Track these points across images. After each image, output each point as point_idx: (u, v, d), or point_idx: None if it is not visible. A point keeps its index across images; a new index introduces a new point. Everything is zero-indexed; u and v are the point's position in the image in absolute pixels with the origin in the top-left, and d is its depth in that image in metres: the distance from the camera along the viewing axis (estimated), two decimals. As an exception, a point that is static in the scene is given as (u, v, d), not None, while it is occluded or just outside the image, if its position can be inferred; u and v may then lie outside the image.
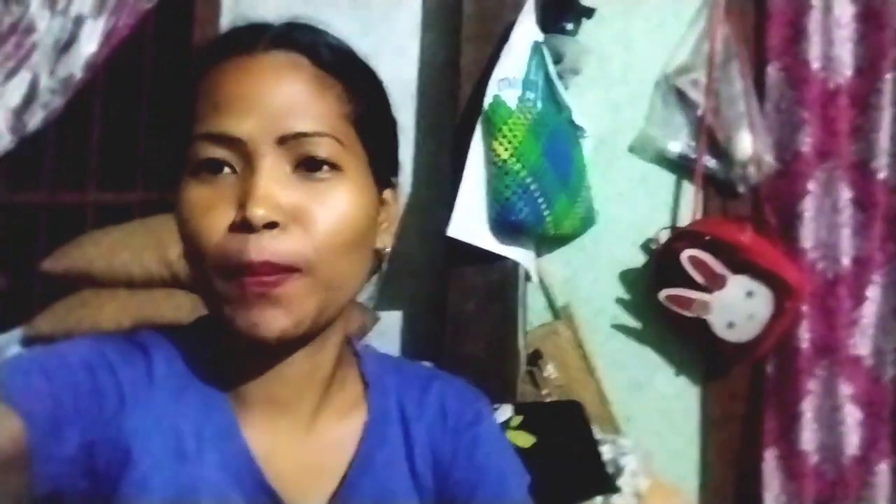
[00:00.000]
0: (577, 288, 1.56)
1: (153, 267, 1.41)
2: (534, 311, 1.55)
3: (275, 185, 0.58)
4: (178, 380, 0.64)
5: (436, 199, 1.54)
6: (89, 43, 1.73)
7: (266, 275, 0.58)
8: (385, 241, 0.69)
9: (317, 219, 0.60)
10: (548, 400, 1.46)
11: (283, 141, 0.59)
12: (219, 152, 0.59)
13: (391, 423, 0.70)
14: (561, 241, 1.56)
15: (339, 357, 0.69)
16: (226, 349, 0.65)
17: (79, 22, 1.72)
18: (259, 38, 0.63)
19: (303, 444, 0.66)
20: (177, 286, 1.41)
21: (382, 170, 0.67)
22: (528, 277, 1.51)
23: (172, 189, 0.63)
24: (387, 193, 0.69)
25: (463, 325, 1.43)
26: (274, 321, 0.59)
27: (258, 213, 0.57)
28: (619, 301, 1.54)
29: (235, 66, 0.61)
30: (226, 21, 1.78)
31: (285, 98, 0.60)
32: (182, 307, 1.40)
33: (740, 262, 1.34)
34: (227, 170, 0.60)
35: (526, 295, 1.51)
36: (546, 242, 1.55)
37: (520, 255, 1.44)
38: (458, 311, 1.43)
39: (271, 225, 0.58)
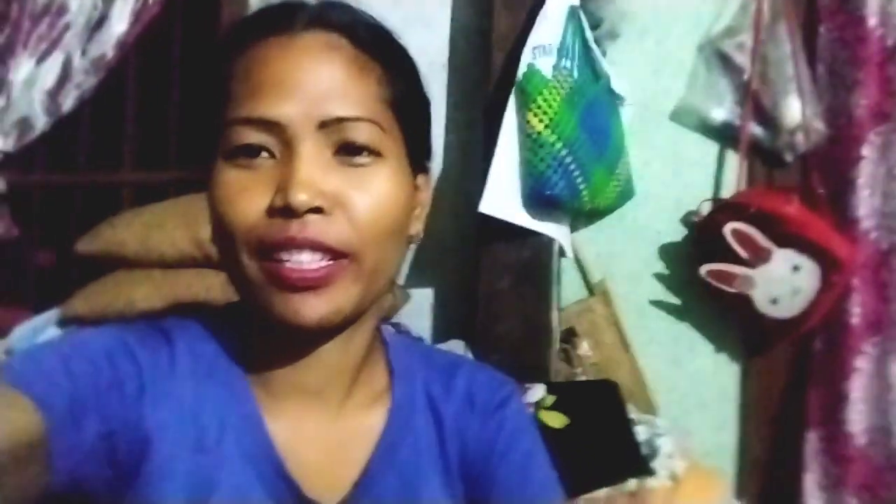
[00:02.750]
0: (613, 263, 1.51)
1: (185, 247, 1.41)
2: (568, 288, 1.51)
3: (316, 170, 0.57)
4: (201, 368, 0.63)
5: (467, 174, 1.50)
6: (120, 22, 1.73)
7: (312, 254, 0.57)
8: (417, 228, 0.68)
9: (357, 205, 0.58)
10: (582, 378, 1.43)
11: (324, 125, 0.58)
12: (257, 137, 0.58)
13: (417, 411, 0.69)
14: (597, 214, 1.51)
15: (370, 346, 0.68)
16: (254, 336, 0.64)
17: (109, 1, 1.72)
18: (296, 17, 0.61)
19: (327, 434, 0.65)
20: (209, 266, 1.41)
21: (417, 155, 0.66)
22: (562, 253, 1.47)
23: (205, 169, 0.61)
24: (420, 179, 0.67)
25: (496, 304, 1.40)
26: (315, 308, 0.58)
27: (301, 197, 0.55)
28: (657, 276, 1.49)
29: (273, 47, 0.59)
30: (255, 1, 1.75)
31: (325, 81, 0.58)
32: (213, 287, 1.39)
33: (786, 235, 1.28)
34: (264, 154, 0.58)
35: (560, 271, 1.47)
36: (581, 216, 1.50)
37: (554, 230, 1.40)
38: (490, 290, 1.40)
39: (315, 210, 0.56)
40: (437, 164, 1.39)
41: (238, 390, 0.63)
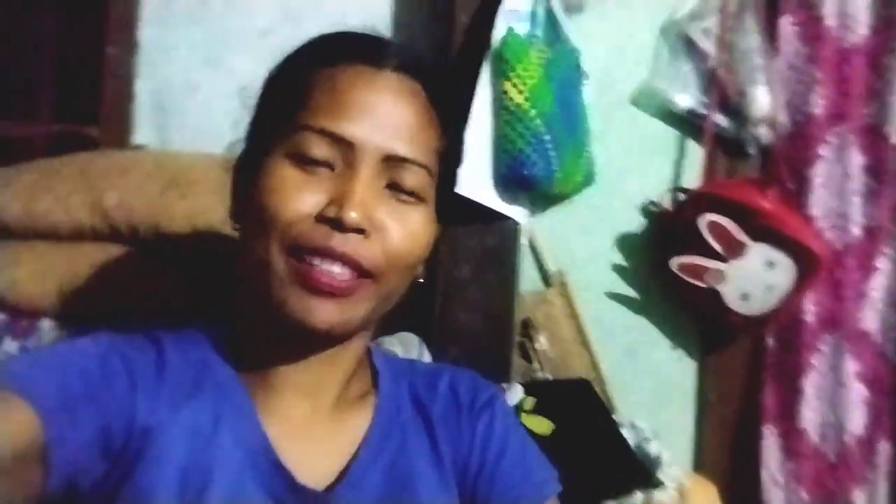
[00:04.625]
0: (571, 253, 1.41)
1: (83, 215, 1.14)
2: (523, 278, 1.40)
3: (370, 195, 0.63)
4: (191, 367, 0.66)
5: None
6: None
7: (339, 267, 0.62)
8: (420, 269, 0.72)
9: (394, 235, 0.64)
10: (540, 374, 1.33)
11: (388, 160, 0.64)
12: (326, 150, 0.63)
13: (403, 410, 0.74)
14: (553, 200, 1.41)
15: (360, 358, 0.74)
16: (248, 336, 0.69)
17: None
18: (386, 53, 0.67)
19: (317, 429, 0.69)
20: (114, 239, 1.15)
21: (443, 206, 0.71)
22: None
23: (83, 124, 0.56)
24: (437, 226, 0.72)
25: (456, 293, 1.27)
26: (330, 314, 0.62)
27: (353, 215, 0.61)
28: (615, 268, 1.42)
29: (362, 74, 0.65)
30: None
31: (400, 120, 0.64)
32: (121, 264, 1.15)
33: (761, 229, 1.24)
34: (324, 166, 0.63)
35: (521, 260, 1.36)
36: (538, 201, 1.40)
37: (521, 215, 1.28)
38: (450, 278, 1.27)
39: (358, 230, 0.62)
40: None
41: (230, 385, 0.67)
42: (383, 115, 0.63)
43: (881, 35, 1.37)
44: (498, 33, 1.19)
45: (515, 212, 1.27)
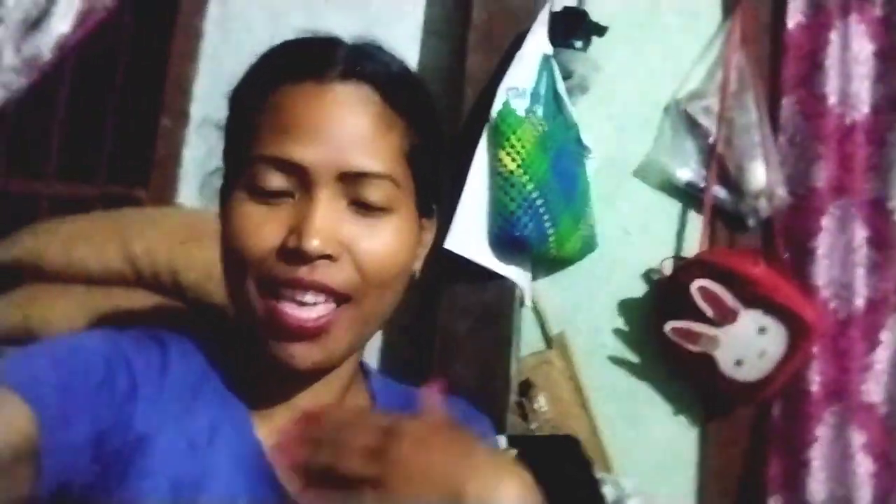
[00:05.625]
0: (573, 316, 1.46)
1: (114, 262, 1.27)
2: (526, 339, 1.44)
3: (330, 218, 0.60)
4: (192, 374, 0.65)
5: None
6: (62, 22, 1.60)
7: (315, 296, 0.60)
8: (417, 266, 0.71)
9: (366, 253, 0.62)
10: (538, 434, 1.35)
11: (344, 177, 0.61)
12: (280, 181, 0.61)
13: None
14: (557, 264, 1.47)
15: (355, 372, 0.72)
16: (245, 358, 0.67)
17: (52, -1, 1.60)
18: (331, 62, 0.63)
19: None
20: (140, 285, 1.27)
21: (426, 200, 0.70)
22: (521, 301, 1.41)
23: (137, 185, 0.64)
24: (423, 221, 0.71)
25: (453, 348, 1.32)
26: (310, 355, 0.61)
27: (313, 244, 0.59)
28: (617, 332, 1.45)
29: (306, 93, 0.62)
30: (213, 13, 1.67)
31: (352, 133, 0.61)
32: (144, 308, 1.26)
33: (753, 296, 1.26)
34: (284, 196, 0.61)
35: (520, 320, 1.41)
36: (542, 265, 1.46)
37: (517, 275, 1.34)
38: (447, 332, 1.32)
39: (324, 256, 0.60)
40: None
41: (229, 397, 0.65)
42: (334, 132, 0.61)
43: (883, 113, 1.40)
44: (496, 107, 1.29)
45: (513, 272, 1.33)
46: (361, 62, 0.64)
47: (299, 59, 0.64)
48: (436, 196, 0.72)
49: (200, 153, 1.65)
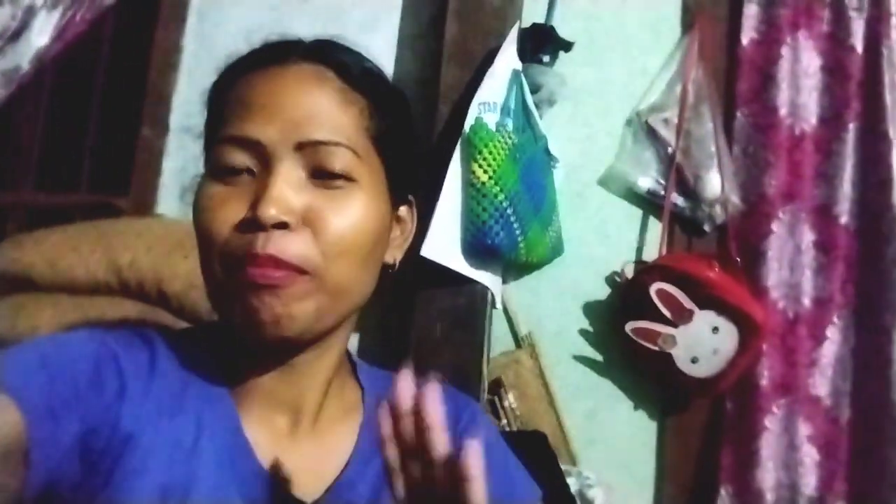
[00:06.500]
0: (541, 317, 1.54)
1: (101, 272, 1.31)
2: (496, 340, 1.52)
3: (288, 188, 0.61)
4: (180, 373, 0.65)
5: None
6: (40, 35, 1.63)
7: (271, 269, 0.59)
8: (396, 256, 0.72)
9: (328, 224, 0.62)
10: (507, 430, 1.43)
11: (301, 147, 0.62)
12: (240, 157, 0.62)
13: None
14: (526, 269, 1.55)
15: (340, 362, 0.72)
16: (232, 348, 0.67)
17: (31, 12, 1.63)
18: (291, 51, 0.66)
19: (303, 442, 0.68)
20: (126, 294, 1.32)
21: (400, 186, 0.70)
22: (493, 304, 1.48)
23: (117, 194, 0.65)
24: (402, 210, 0.72)
25: (428, 351, 1.39)
26: (272, 307, 0.60)
27: (269, 212, 0.59)
28: (582, 332, 1.53)
29: (265, 75, 0.64)
30: (191, 25, 1.72)
31: (308, 107, 0.62)
32: (129, 317, 1.31)
33: (707, 298, 1.35)
34: (245, 174, 0.62)
35: (491, 322, 1.48)
36: (512, 270, 1.54)
37: (489, 280, 1.41)
38: (424, 336, 1.39)
39: (281, 225, 0.60)
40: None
41: (216, 396, 0.65)
42: (289, 106, 0.62)
43: (829, 124, 1.50)
44: (468, 121, 1.36)
45: (485, 277, 1.40)
46: (321, 48, 0.67)
47: (262, 51, 0.67)
48: (413, 186, 0.72)
49: (180, 163, 1.71)
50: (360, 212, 0.63)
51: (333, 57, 0.66)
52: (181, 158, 1.70)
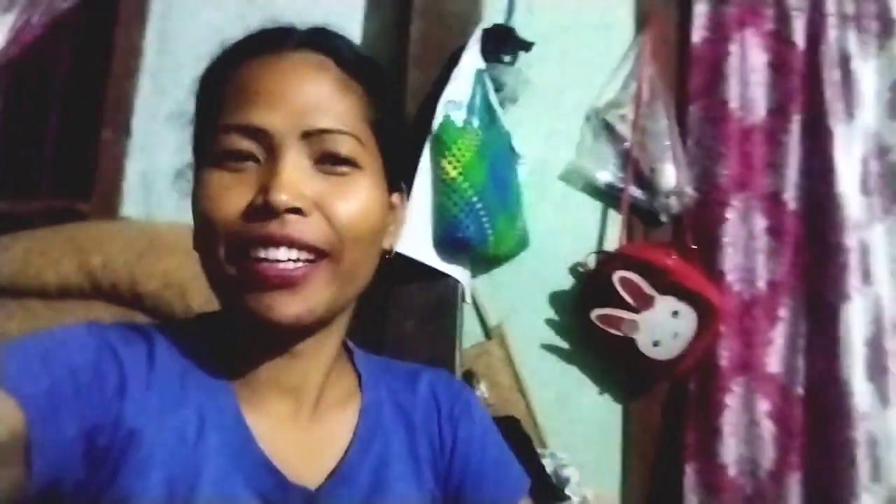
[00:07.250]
0: (509, 309, 1.58)
1: (71, 275, 1.31)
2: (467, 331, 1.56)
3: (297, 175, 0.61)
4: (180, 365, 0.64)
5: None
6: (-5, 38, 1.61)
7: (288, 251, 0.60)
8: (391, 242, 0.72)
9: (337, 210, 0.62)
10: (482, 419, 1.47)
11: (307, 136, 0.62)
12: (245, 144, 0.62)
13: (385, 412, 0.74)
14: (494, 262, 1.59)
15: (339, 349, 0.73)
16: (232, 337, 0.67)
17: (-15, 15, 1.60)
18: (288, 38, 0.66)
19: (304, 429, 0.68)
20: (98, 296, 1.32)
21: (394, 174, 0.71)
22: (463, 298, 1.52)
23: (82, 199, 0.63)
24: (395, 197, 0.73)
25: (403, 345, 1.42)
26: (290, 306, 0.60)
27: (282, 197, 0.59)
28: (549, 321, 1.58)
29: (265, 63, 0.64)
30: (152, 26, 1.71)
31: (311, 95, 0.63)
32: (102, 320, 1.30)
33: (667, 284, 1.42)
34: (250, 161, 0.62)
35: (462, 315, 1.52)
36: (480, 263, 1.58)
37: (459, 273, 1.45)
38: (397, 330, 1.42)
39: (293, 210, 0.60)
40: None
41: (217, 386, 0.65)
42: (292, 94, 0.62)
43: (777, 116, 1.58)
44: (437, 120, 1.40)
45: (455, 271, 1.44)
46: (316, 36, 0.67)
47: (259, 38, 0.67)
48: (405, 173, 0.74)
49: (143, 165, 1.70)
50: (367, 197, 0.64)
51: (330, 44, 0.66)
52: (144, 161, 1.70)
